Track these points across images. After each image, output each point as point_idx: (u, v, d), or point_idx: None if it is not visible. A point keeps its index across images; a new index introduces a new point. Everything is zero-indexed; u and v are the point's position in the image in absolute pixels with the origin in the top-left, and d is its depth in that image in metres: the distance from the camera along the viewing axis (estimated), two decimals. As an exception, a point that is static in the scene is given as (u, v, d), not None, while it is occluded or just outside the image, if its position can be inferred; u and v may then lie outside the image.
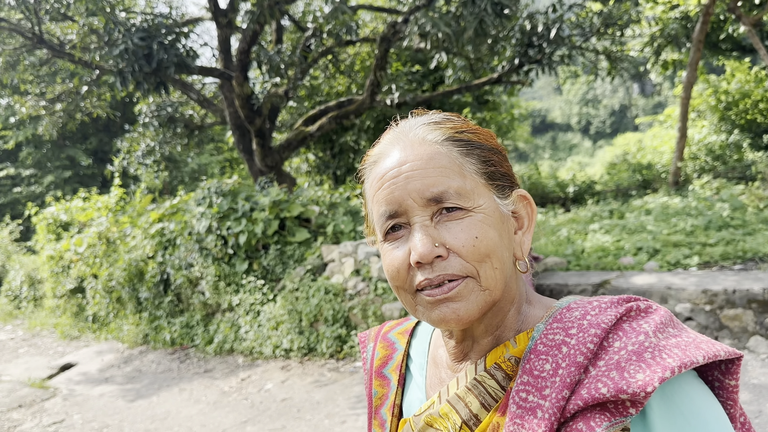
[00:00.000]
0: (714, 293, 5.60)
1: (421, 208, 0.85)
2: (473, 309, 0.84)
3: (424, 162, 0.86)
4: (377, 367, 1.12)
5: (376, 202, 0.90)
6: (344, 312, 7.19)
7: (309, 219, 8.58)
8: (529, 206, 0.96)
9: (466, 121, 0.96)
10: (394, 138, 0.94)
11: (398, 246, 0.88)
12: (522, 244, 0.93)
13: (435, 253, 0.83)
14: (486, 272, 0.84)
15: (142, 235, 10.14)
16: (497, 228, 0.87)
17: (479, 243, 0.84)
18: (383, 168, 0.90)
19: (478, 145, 0.91)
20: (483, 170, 0.89)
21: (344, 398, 5.79)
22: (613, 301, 0.84)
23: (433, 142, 0.89)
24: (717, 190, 10.71)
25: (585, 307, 0.84)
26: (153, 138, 13.25)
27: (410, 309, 0.90)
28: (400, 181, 0.86)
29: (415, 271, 0.86)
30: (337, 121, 10.96)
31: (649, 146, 18.23)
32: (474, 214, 0.85)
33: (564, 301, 0.90)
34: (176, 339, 9.02)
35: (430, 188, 0.84)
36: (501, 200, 0.90)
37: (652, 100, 54.66)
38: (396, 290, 0.90)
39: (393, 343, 1.14)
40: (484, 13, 7.46)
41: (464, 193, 0.85)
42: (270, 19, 8.43)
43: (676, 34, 12.89)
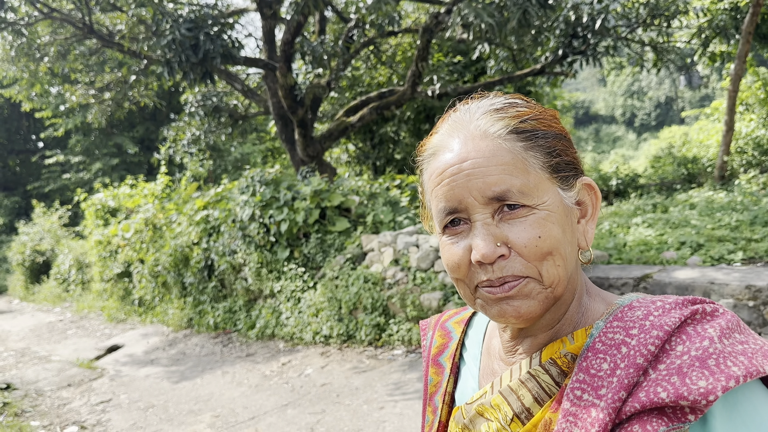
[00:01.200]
0: (758, 289, 5.51)
1: (482, 206, 0.83)
2: (535, 307, 0.83)
3: (486, 159, 0.83)
4: (434, 355, 1.13)
5: (435, 197, 0.88)
6: (383, 301, 7.28)
7: (349, 209, 8.69)
8: (594, 194, 0.93)
9: (530, 104, 0.91)
10: (454, 128, 0.90)
11: (457, 241, 0.86)
12: (586, 233, 0.91)
13: (497, 253, 0.82)
14: (548, 270, 0.82)
15: (188, 222, 10.38)
16: (561, 223, 0.85)
17: (542, 242, 0.81)
18: (442, 163, 0.87)
19: (542, 134, 0.87)
20: (547, 163, 0.86)
21: (382, 385, 5.89)
22: (677, 302, 0.81)
23: (496, 136, 0.85)
24: (764, 185, 10.45)
25: (648, 306, 0.82)
26: (198, 127, 13.50)
27: (469, 301, 0.89)
28: (460, 179, 0.84)
29: (475, 268, 0.84)
30: (377, 111, 11.02)
31: (695, 140, 17.80)
32: (537, 212, 0.83)
33: (626, 299, 0.87)
34: (219, 323, 9.24)
35: (492, 187, 0.82)
36: (565, 192, 0.88)
37: (699, 93, 53.27)
38: (455, 281, 0.89)
39: (449, 332, 1.15)
40: (528, 3, 7.42)
41: (527, 191, 0.82)
42: (314, 10, 8.53)
43: (724, 26, 12.55)
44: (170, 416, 5.89)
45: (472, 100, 0.94)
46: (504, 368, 0.97)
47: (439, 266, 7.07)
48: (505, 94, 0.94)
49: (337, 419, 5.21)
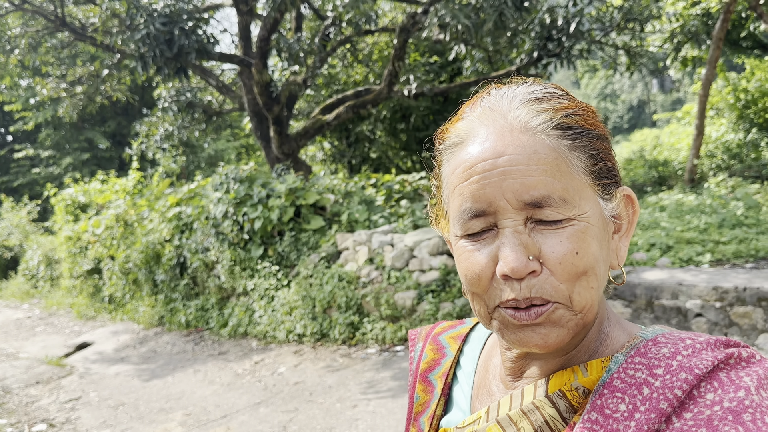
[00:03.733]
0: (725, 290, 5.63)
1: (516, 210, 0.71)
2: (564, 336, 0.73)
3: (526, 157, 0.71)
4: (423, 370, 1.02)
5: (459, 194, 0.76)
6: (357, 299, 7.29)
7: (324, 207, 8.67)
8: (633, 207, 0.82)
9: (569, 97, 0.80)
10: (487, 116, 0.77)
11: (480, 248, 0.74)
12: (618, 250, 0.81)
13: (529, 268, 0.70)
14: (580, 294, 0.72)
15: (160, 218, 10.28)
16: (599, 238, 0.74)
17: (578, 260, 0.71)
18: (472, 155, 0.75)
19: (587, 132, 0.76)
20: (591, 167, 0.75)
21: (355, 383, 5.89)
22: (710, 342, 0.71)
23: (539, 130, 0.74)
24: (732, 188, 10.67)
25: (676, 344, 0.72)
26: (171, 123, 13.37)
27: (484, 320, 0.78)
28: (494, 177, 0.72)
29: (499, 282, 0.73)
30: (354, 110, 11.02)
31: (666, 143, 18.12)
32: (577, 223, 0.72)
33: (650, 332, 0.77)
34: (191, 321, 9.17)
35: (530, 190, 0.70)
36: (605, 202, 0.77)
37: (671, 97, 54.16)
38: (470, 295, 0.78)
39: (443, 347, 1.04)
40: (504, 5, 7.47)
41: (569, 198, 0.72)
42: (291, 7, 8.49)
43: (696, 31, 12.79)
44: (141, 414, 5.82)
45: (506, 86, 0.83)
46: (504, 392, 0.87)
47: (414, 265, 7.09)
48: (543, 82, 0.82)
49: (309, 417, 5.20)
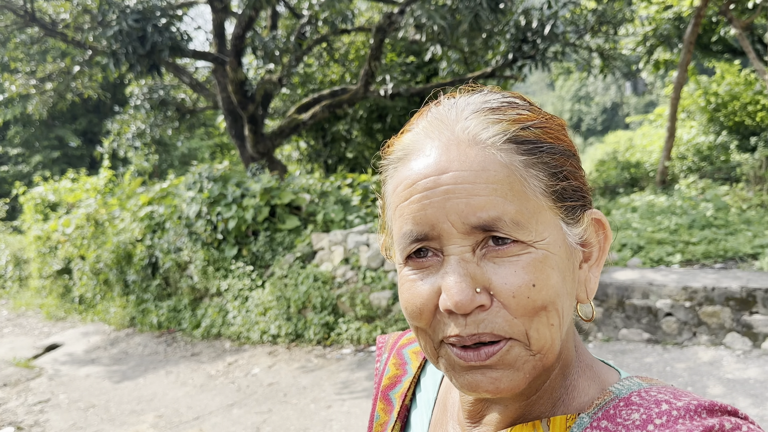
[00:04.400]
0: (694, 290, 5.72)
1: (462, 235, 0.63)
2: (519, 380, 0.64)
3: (473, 174, 0.63)
4: (384, 387, 0.95)
5: (400, 216, 0.68)
6: (332, 300, 7.26)
7: (299, 207, 8.62)
8: (604, 233, 0.73)
9: (532, 107, 0.72)
10: (433, 127, 0.69)
11: (423, 277, 0.66)
12: (588, 282, 0.72)
13: (476, 303, 0.62)
14: (539, 331, 0.64)
15: (131, 217, 10.14)
16: (561, 269, 0.66)
17: (536, 293, 0.62)
18: (414, 171, 0.67)
19: (548, 147, 0.67)
20: (552, 187, 0.67)
21: (330, 384, 5.87)
22: (689, 408, 0.61)
23: (489, 143, 0.65)
24: (702, 190, 10.86)
25: (650, 409, 0.62)
26: (144, 120, 13.20)
27: (430, 357, 0.70)
28: (436, 196, 0.64)
29: (443, 316, 0.65)
30: (330, 109, 10.98)
31: (638, 145, 18.39)
32: (533, 251, 0.63)
33: (624, 387, 0.69)
34: (163, 322, 9.06)
35: (477, 212, 0.62)
36: (570, 228, 0.68)
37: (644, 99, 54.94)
38: (414, 330, 0.70)
39: (405, 363, 0.95)
40: (479, 7, 7.51)
41: (523, 222, 0.63)
42: (266, 5, 8.43)
43: (668, 35, 13.00)
44: (111, 416, 5.73)
45: (459, 93, 0.74)
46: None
47: (389, 266, 7.09)
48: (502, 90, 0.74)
49: (283, 418, 5.16)
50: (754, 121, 15.51)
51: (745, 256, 6.90)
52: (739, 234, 7.63)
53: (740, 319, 5.52)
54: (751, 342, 5.48)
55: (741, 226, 8.00)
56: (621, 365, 5.47)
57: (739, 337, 5.52)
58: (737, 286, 5.55)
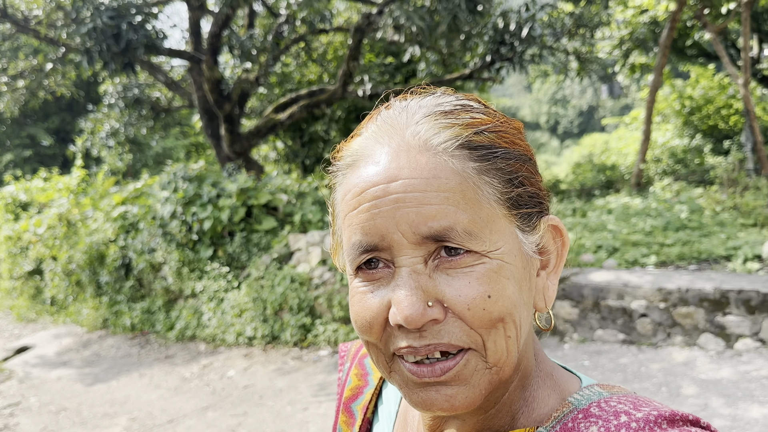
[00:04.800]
0: (668, 291, 5.78)
1: (413, 246, 0.61)
2: (474, 395, 0.62)
3: (424, 181, 0.60)
4: (347, 398, 0.92)
5: (349, 225, 0.65)
6: (309, 301, 7.21)
7: (276, 207, 8.56)
8: (561, 240, 0.71)
9: (488, 109, 0.69)
10: (383, 132, 0.67)
11: (374, 290, 0.64)
12: (546, 290, 0.70)
13: (427, 317, 0.59)
14: (496, 343, 0.61)
15: (104, 218, 10.00)
16: (517, 279, 0.63)
17: (491, 304, 0.60)
18: (363, 179, 0.64)
19: (503, 153, 0.65)
20: (506, 194, 0.64)
21: (307, 386, 5.82)
22: (649, 420, 0.59)
23: (441, 150, 0.62)
24: (677, 192, 11.00)
25: (608, 421, 0.60)
26: (118, 119, 13.03)
27: (383, 371, 0.67)
28: (385, 205, 0.61)
29: (394, 329, 0.63)
30: (307, 109, 10.93)
31: (614, 147, 18.60)
32: (487, 261, 0.61)
33: (584, 397, 0.67)
34: (137, 324, 8.93)
35: (428, 221, 0.60)
36: (526, 235, 0.66)
37: (620, 102, 55.63)
38: (364, 342, 0.68)
39: (366, 374, 0.92)
40: (457, 9, 7.52)
41: (476, 231, 0.61)
42: (243, 4, 8.36)
43: (644, 39, 13.18)
44: (83, 419, 5.63)
45: (411, 95, 0.72)
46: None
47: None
48: (456, 92, 0.71)
49: (259, 421, 5.11)
50: (728, 124, 15.79)
51: (718, 257, 6.99)
52: (712, 236, 7.73)
53: (714, 320, 5.58)
54: (724, 343, 5.54)
55: (714, 228, 8.11)
56: (596, 366, 5.50)
57: (712, 337, 5.59)
58: (711, 288, 5.61)
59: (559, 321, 6.35)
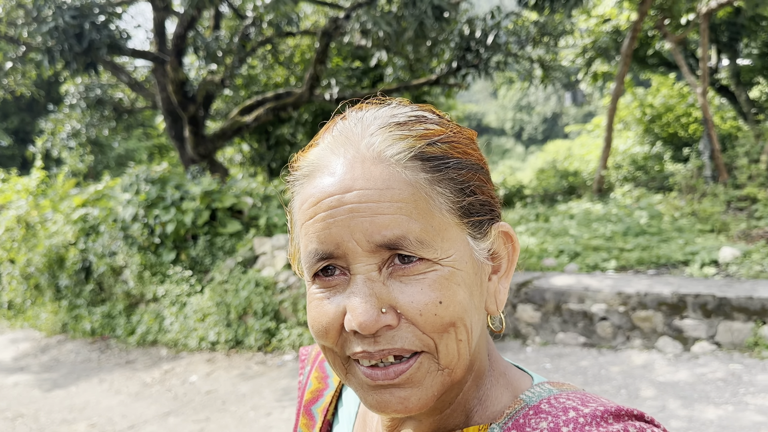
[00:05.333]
0: (628, 295, 5.90)
1: (367, 253, 0.63)
2: (427, 397, 0.64)
3: (378, 192, 0.63)
4: (307, 401, 0.94)
5: (305, 234, 0.67)
6: (274, 305, 7.17)
7: (241, 211, 8.49)
8: (512, 245, 0.74)
9: (442, 121, 0.71)
10: (339, 143, 0.69)
11: (330, 296, 0.66)
12: (497, 293, 0.72)
13: (381, 323, 0.61)
14: (448, 346, 0.64)
15: (64, 220, 9.79)
16: (468, 284, 0.66)
17: (443, 310, 0.62)
18: (319, 189, 0.66)
19: (455, 163, 0.67)
20: (458, 203, 0.66)
21: (270, 391, 5.78)
22: (595, 415, 0.62)
23: (394, 161, 0.65)
24: (637, 198, 11.23)
25: (557, 417, 0.63)
26: (79, 120, 12.78)
27: (339, 374, 0.69)
28: (341, 215, 0.63)
29: (349, 335, 0.65)
30: (274, 112, 10.87)
31: (577, 154, 18.90)
32: (439, 269, 0.63)
33: (534, 394, 0.69)
34: (97, 329, 8.76)
35: (382, 230, 0.62)
36: (477, 242, 0.68)
37: (583, 110, 56.53)
38: (321, 347, 0.69)
39: (326, 377, 0.94)
40: (424, 15, 7.57)
41: (428, 240, 0.63)
42: (209, 5, 8.29)
43: (606, 47, 13.45)
44: (41, 426, 5.50)
45: (368, 106, 0.74)
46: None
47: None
48: (412, 103, 0.74)
49: (221, 427, 5.06)
50: (687, 132, 16.18)
51: (676, 262, 7.16)
52: (671, 241, 7.92)
53: (671, 323, 5.72)
54: (681, 345, 5.68)
55: (673, 233, 8.30)
56: (558, 369, 5.58)
57: (670, 340, 5.72)
58: (669, 292, 5.75)
59: (522, 324, 6.43)
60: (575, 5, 7.44)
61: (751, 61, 18.33)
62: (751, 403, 4.48)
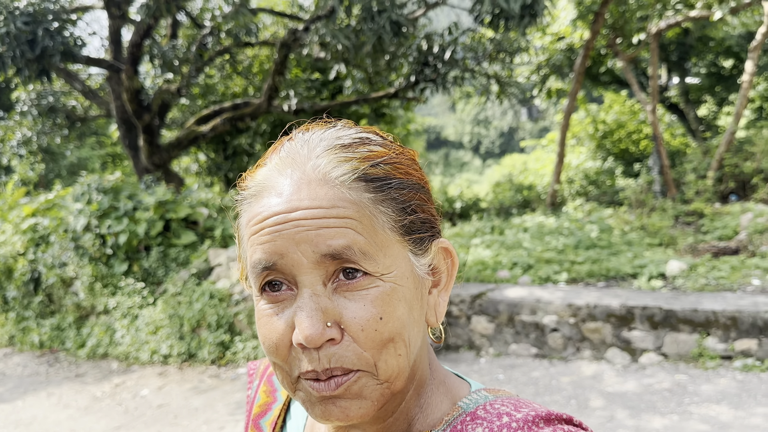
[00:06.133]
0: (578, 307, 6.04)
1: (313, 266, 0.65)
2: (368, 408, 0.67)
3: (323, 210, 0.65)
4: (255, 415, 0.95)
5: (251, 246, 0.69)
6: (229, 318, 7.09)
7: (197, 221, 8.40)
8: (451, 260, 0.77)
9: (386, 142, 0.75)
10: (286, 164, 0.71)
11: (278, 312, 0.68)
12: (437, 306, 0.75)
13: (325, 337, 0.64)
14: (387, 362, 0.67)
15: (13, 230, 9.52)
16: (408, 300, 0.69)
17: (383, 326, 0.65)
18: (267, 208, 0.68)
19: (397, 183, 0.70)
20: (399, 222, 0.69)
21: (224, 404, 5.72)
22: (527, 420, 0.66)
23: (339, 182, 0.67)
24: (588, 212, 11.51)
25: (492, 423, 0.67)
26: (30, 127, 12.46)
27: (289, 390, 0.71)
28: (287, 229, 0.66)
29: (297, 351, 0.67)
30: (231, 122, 10.80)
31: (532, 168, 19.23)
32: (381, 284, 0.66)
33: (472, 401, 0.74)
34: (45, 341, 8.53)
35: (327, 240, 0.64)
36: (418, 258, 0.71)
37: (539, 125, 57.58)
38: (271, 363, 0.72)
39: (275, 390, 0.96)
40: (382, 30, 7.65)
41: (372, 253, 0.66)
42: (166, 14, 8.20)
43: (560, 65, 13.77)
44: (-20, 445, 5.33)
45: (314, 127, 0.76)
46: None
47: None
48: (356, 125, 0.77)
49: (172, 442, 4.98)
50: (638, 148, 16.67)
51: (625, 275, 7.36)
52: (620, 254, 8.13)
53: (620, 334, 5.88)
54: (629, 357, 5.84)
55: (623, 247, 8.53)
56: (510, 380, 5.68)
57: (619, 352, 5.87)
58: (617, 304, 5.91)
59: (476, 336, 6.52)
60: (529, 24, 7.62)
61: (699, 80, 19.05)
62: (695, 413, 4.63)
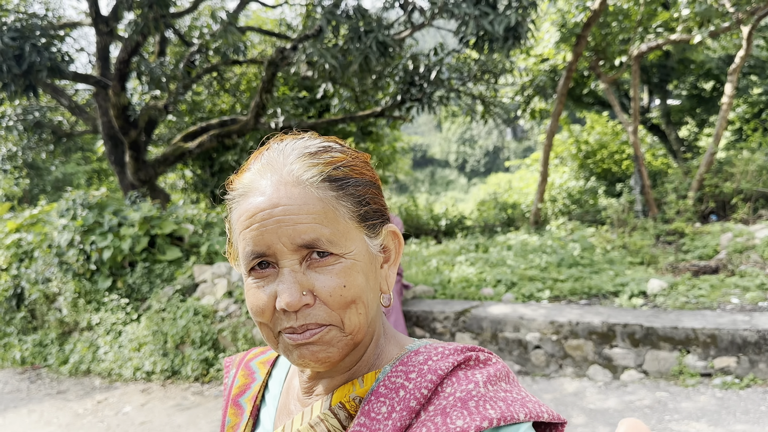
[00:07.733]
0: (560, 324, 6.11)
1: (291, 252, 0.83)
2: (334, 353, 0.85)
3: (297, 207, 0.83)
4: (234, 395, 1.10)
5: (243, 239, 0.87)
6: (213, 334, 7.08)
7: (182, 237, 8.40)
8: (398, 241, 0.96)
9: (344, 149, 0.92)
10: (266, 170, 0.88)
11: (264, 285, 0.86)
12: (387, 277, 0.95)
13: (302, 303, 0.82)
14: (351, 319, 0.85)
15: (-4, 245, 9.45)
16: (365, 272, 0.87)
17: (346, 291, 0.83)
18: (253, 206, 0.86)
19: (354, 182, 0.88)
20: (357, 212, 0.88)
21: (207, 422, 5.70)
22: (457, 349, 0.86)
23: (308, 183, 0.85)
24: (571, 231, 11.63)
25: (430, 352, 0.87)
26: (16, 143, 12.41)
27: (272, 344, 0.89)
28: (270, 224, 0.83)
29: (279, 314, 0.85)
30: (218, 139, 10.83)
31: (516, 187, 19.39)
32: (344, 261, 0.84)
33: (416, 344, 0.93)
34: (27, 358, 8.44)
35: (301, 234, 0.82)
36: (371, 240, 0.90)
37: (523, 145, 58.08)
38: (258, 324, 0.89)
39: (253, 372, 1.12)
40: (369, 50, 7.77)
41: (336, 240, 0.84)
42: (154, 31, 8.27)
43: (543, 86, 13.96)
44: (-41, 463, 5.26)
45: (286, 138, 0.94)
46: (299, 409, 0.97)
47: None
48: (320, 136, 0.95)
49: (155, 459, 4.95)
50: (620, 168, 16.88)
51: (607, 293, 7.45)
52: (602, 273, 8.23)
53: (602, 352, 5.95)
54: (611, 374, 5.91)
55: (604, 265, 8.63)
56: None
57: (600, 369, 5.94)
58: (599, 321, 5.98)
59: (460, 353, 6.55)
60: (513, 46, 7.77)
61: (680, 101, 19.38)
62: (675, 430, 4.69)
